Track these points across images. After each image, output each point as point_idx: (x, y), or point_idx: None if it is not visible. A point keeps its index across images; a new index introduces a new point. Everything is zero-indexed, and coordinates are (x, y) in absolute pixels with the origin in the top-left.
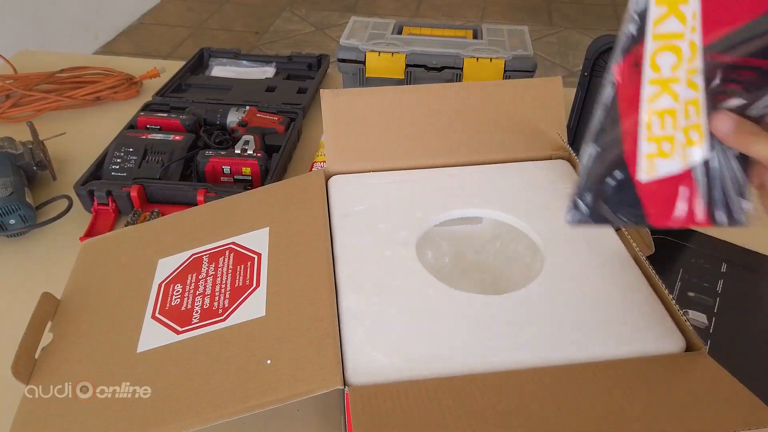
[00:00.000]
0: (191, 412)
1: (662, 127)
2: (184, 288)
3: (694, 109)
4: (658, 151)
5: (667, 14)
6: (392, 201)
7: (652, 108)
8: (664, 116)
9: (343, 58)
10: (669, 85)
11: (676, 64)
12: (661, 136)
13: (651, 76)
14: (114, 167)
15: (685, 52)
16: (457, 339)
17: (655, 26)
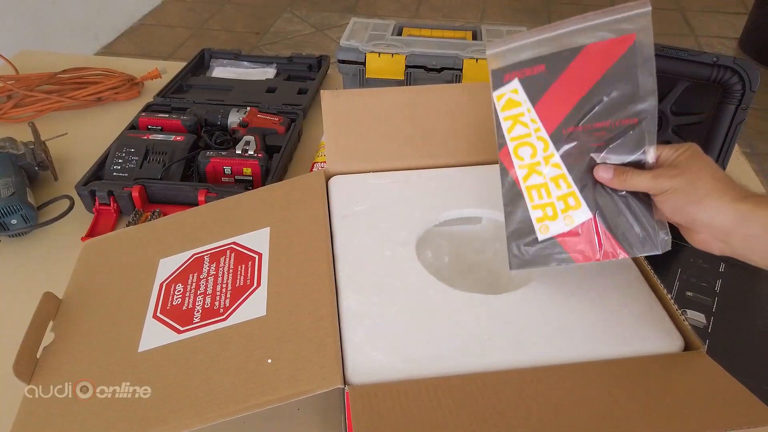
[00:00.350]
0: (191, 412)
1: (539, 197)
2: (185, 288)
3: (564, 182)
4: (544, 215)
5: (514, 124)
6: (392, 201)
7: (527, 185)
8: (540, 189)
9: (343, 59)
10: (534, 168)
11: (533, 154)
12: (542, 204)
13: (518, 163)
14: (115, 167)
15: (537, 145)
16: (457, 339)
17: (508, 132)
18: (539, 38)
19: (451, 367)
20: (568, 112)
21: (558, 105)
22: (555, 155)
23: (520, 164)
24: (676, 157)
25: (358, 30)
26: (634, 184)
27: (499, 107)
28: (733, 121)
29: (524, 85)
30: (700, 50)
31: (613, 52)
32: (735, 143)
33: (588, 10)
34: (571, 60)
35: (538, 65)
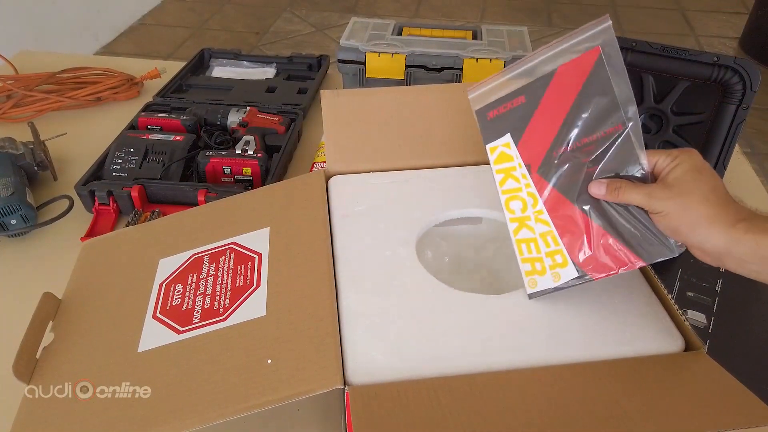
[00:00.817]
0: (191, 412)
1: (529, 251)
2: (185, 288)
3: (552, 239)
4: (533, 269)
5: (506, 178)
6: (392, 201)
7: (517, 238)
8: (529, 244)
9: (343, 58)
10: (525, 222)
11: (523, 209)
12: (532, 258)
13: (509, 215)
14: (115, 167)
15: (527, 201)
16: (457, 339)
17: (500, 185)
18: (514, 73)
19: (451, 367)
20: (554, 136)
21: (544, 131)
22: (544, 212)
23: (511, 217)
24: (670, 170)
25: (358, 30)
26: (627, 198)
27: (492, 160)
28: (734, 121)
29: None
30: (701, 50)
31: (583, 69)
32: (735, 143)
33: (588, 9)
34: (546, 85)
35: (517, 97)
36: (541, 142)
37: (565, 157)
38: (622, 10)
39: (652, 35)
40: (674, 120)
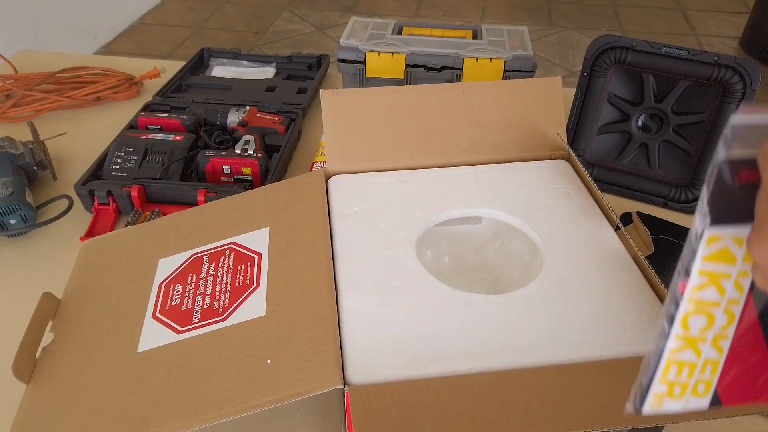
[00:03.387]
0: (191, 412)
1: (678, 374)
2: (185, 288)
3: (711, 368)
4: (668, 393)
5: (707, 284)
6: (392, 201)
7: (673, 358)
8: (683, 368)
9: (343, 58)
10: (695, 343)
11: (705, 328)
12: (675, 382)
13: (678, 332)
14: (114, 167)
15: (719, 319)
16: (457, 339)
17: (693, 291)
18: None
19: (450, 366)
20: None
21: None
22: (728, 337)
23: (679, 334)
24: None
25: (358, 29)
26: None
27: (701, 252)
28: None
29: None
30: (701, 49)
31: None
32: None
33: (589, 8)
34: None
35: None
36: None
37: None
38: (622, 10)
39: (653, 35)
40: (674, 120)
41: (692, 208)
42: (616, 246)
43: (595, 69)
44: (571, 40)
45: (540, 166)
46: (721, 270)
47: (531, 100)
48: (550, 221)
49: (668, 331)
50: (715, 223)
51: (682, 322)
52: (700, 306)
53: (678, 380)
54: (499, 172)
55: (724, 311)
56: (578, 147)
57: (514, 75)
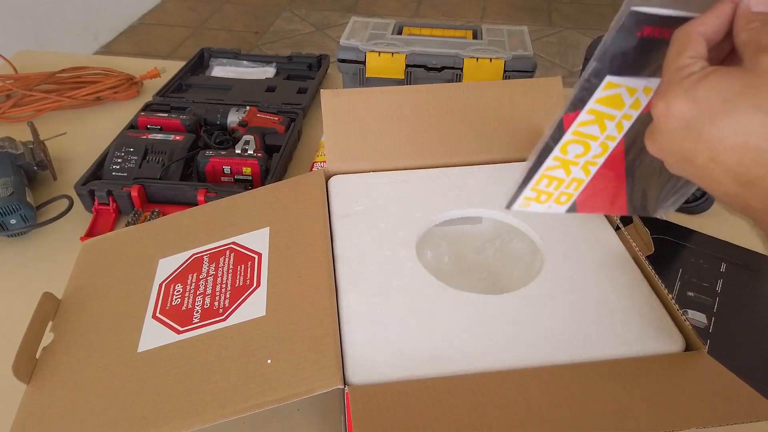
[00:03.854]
0: (191, 412)
1: (547, 186)
2: (185, 288)
3: (576, 185)
4: (536, 198)
5: (592, 123)
6: (392, 201)
7: (548, 173)
8: (552, 181)
9: (343, 58)
10: (568, 165)
11: (580, 154)
12: (543, 191)
13: (557, 154)
14: (114, 167)
15: (593, 149)
16: (457, 339)
17: (578, 125)
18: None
19: (450, 366)
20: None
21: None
22: (598, 164)
23: (557, 156)
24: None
25: (358, 29)
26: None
27: (596, 94)
28: None
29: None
30: None
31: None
32: None
33: (589, 8)
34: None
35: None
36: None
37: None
38: None
39: None
40: None
41: (693, 208)
42: (616, 246)
43: None
44: (571, 40)
45: None
46: (608, 112)
47: (531, 100)
48: (550, 221)
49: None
50: (615, 73)
51: (562, 148)
52: (581, 137)
53: (546, 190)
54: (499, 172)
55: (600, 144)
56: None
57: (514, 75)
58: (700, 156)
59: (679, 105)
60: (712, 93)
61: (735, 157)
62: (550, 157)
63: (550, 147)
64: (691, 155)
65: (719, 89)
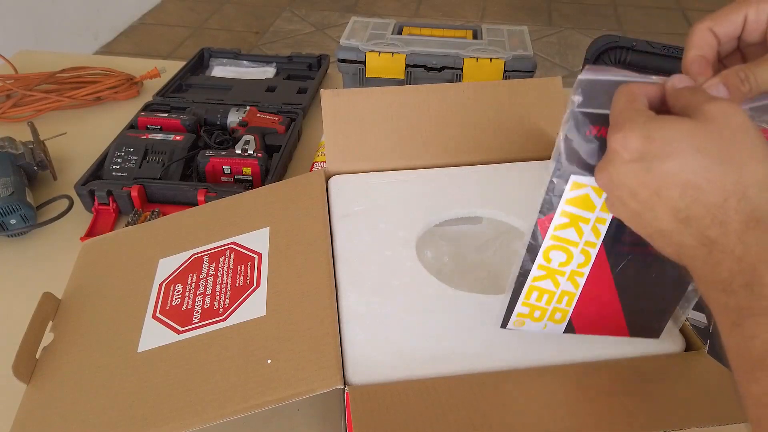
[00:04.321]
0: (191, 412)
1: (538, 300)
2: (185, 288)
3: (567, 299)
4: (529, 314)
5: (568, 225)
6: (392, 201)
7: (534, 284)
8: (543, 295)
9: (343, 58)
10: (554, 275)
11: (564, 263)
12: (536, 306)
13: (541, 263)
14: (115, 167)
15: (576, 257)
16: (457, 338)
17: (555, 230)
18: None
19: (450, 366)
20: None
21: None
22: (584, 275)
23: (542, 265)
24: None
25: (358, 29)
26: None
27: (565, 196)
28: None
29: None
30: None
31: None
32: None
33: (589, 9)
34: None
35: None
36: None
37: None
38: (622, 10)
39: (653, 35)
40: None
41: None
42: None
43: None
44: (571, 40)
45: (540, 166)
46: (581, 214)
47: (531, 100)
48: None
49: (530, 261)
50: (578, 173)
51: (545, 254)
52: (560, 242)
53: (538, 305)
54: (499, 172)
55: (581, 251)
56: None
57: (514, 75)
58: (645, 189)
59: (635, 139)
60: (665, 133)
61: (678, 192)
62: (534, 265)
63: (533, 254)
64: (636, 188)
65: (671, 130)
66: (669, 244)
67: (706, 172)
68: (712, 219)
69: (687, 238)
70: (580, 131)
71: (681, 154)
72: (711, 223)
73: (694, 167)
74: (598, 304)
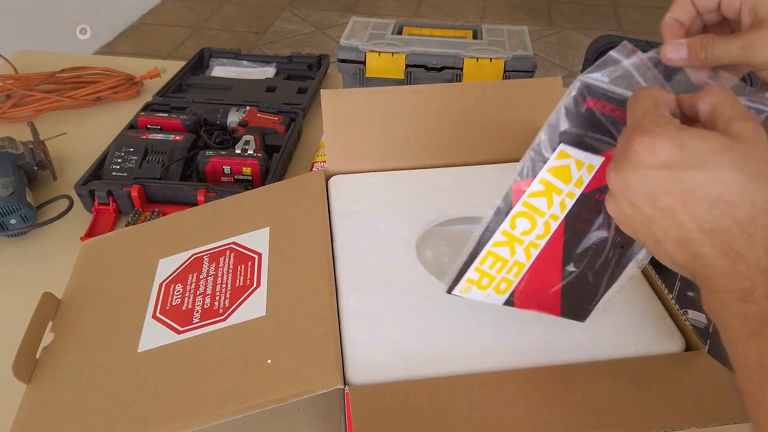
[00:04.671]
0: (191, 412)
1: (491, 266)
2: (185, 288)
3: (517, 270)
4: (478, 281)
5: (541, 194)
6: (392, 201)
7: (491, 249)
8: (496, 262)
9: (343, 58)
10: (513, 243)
11: (526, 231)
12: (486, 273)
13: (506, 228)
14: (115, 167)
15: (539, 228)
16: (457, 338)
17: (528, 197)
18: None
19: (450, 366)
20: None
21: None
22: (540, 246)
23: (505, 230)
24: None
25: (358, 29)
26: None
27: (548, 164)
28: None
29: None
30: None
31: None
32: None
33: (589, 9)
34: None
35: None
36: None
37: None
38: (622, 10)
39: (653, 35)
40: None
41: None
42: None
43: None
44: (571, 40)
45: None
46: (556, 184)
47: (531, 100)
48: None
49: (496, 224)
50: (566, 142)
51: (512, 220)
52: (529, 210)
53: (489, 272)
54: (499, 172)
55: (544, 223)
56: None
57: (514, 75)
58: (669, 197)
59: (666, 147)
60: (700, 144)
61: (707, 204)
62: (499, 229)
63: (500, 217)
64: (658, 195)
65: (707, 143)
66: (682, 252)
67: (740, 188)
68: (740, 232)
69: (707, 249)
70: (576, 101)
71: (716, 167)
72: (739, 235)
73: (728, 182)
74: (541, 279)
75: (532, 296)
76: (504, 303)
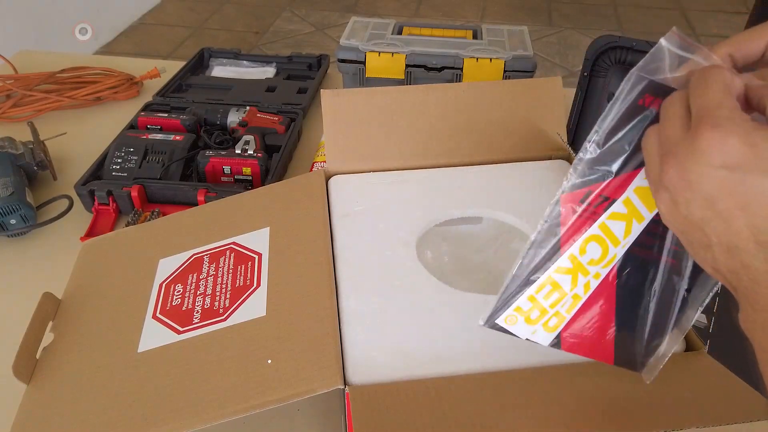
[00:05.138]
0: (191, 412)
1: (546, 298)
2: (185, 288)
3: (571, 304)
4: (527, 313)
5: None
6: (392, 201)
7: (554, 277)
8: (553, 293)
9: (343, 58)
10: (578, 272)
11: (597, 260)
12: (539, 304)
13: (575, 252)
14: (114, 167)
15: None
16: (457, 339)
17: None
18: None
19: (451, 367)
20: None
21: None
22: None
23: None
24: None
25: (358, 29)
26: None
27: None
28: None
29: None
30: None
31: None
32: None
33: (589, 9)
34: None
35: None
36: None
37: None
38: (622, 10)
39: (653, 35)
40: None
41: None
42: None
43: (596, 69)
44: (571, 40)
45: (540, 166)
46: (640, 209)
47: (531, 100)
48: None
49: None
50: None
51: (580, 247)
52: (605, 234)
53: (542, 303)
54: (499, 172)
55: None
56: (578, 147)
57: (514, 75)
58: (729, 200)
59: (736, 144)
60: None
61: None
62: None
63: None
64: (717, 196)
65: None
66: (729, 261)
67: None
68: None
69: (759, 262)
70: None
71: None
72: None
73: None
74: (593, 324)
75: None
76: (549, 344)
